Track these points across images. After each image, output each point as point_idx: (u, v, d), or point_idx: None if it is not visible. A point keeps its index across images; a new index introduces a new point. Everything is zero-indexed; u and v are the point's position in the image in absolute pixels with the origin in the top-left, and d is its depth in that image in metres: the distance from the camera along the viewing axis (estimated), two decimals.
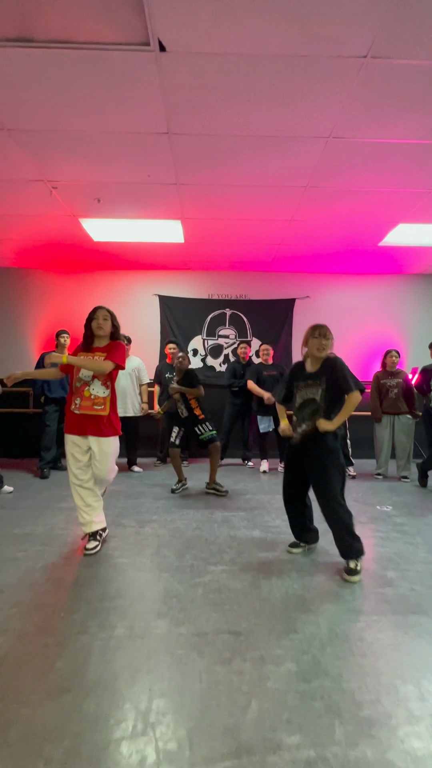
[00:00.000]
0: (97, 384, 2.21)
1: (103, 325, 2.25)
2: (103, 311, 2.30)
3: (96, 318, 2.27)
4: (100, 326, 2.25)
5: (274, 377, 4.40)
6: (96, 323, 2.25)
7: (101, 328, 2.25)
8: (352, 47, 2.00)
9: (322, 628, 1.50)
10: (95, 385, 2.21)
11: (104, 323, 2.26)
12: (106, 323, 2.27)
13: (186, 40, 1.97)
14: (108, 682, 1.21)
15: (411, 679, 1.24)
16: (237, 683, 1.22)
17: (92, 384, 2.21)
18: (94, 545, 2.20)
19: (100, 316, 2.27)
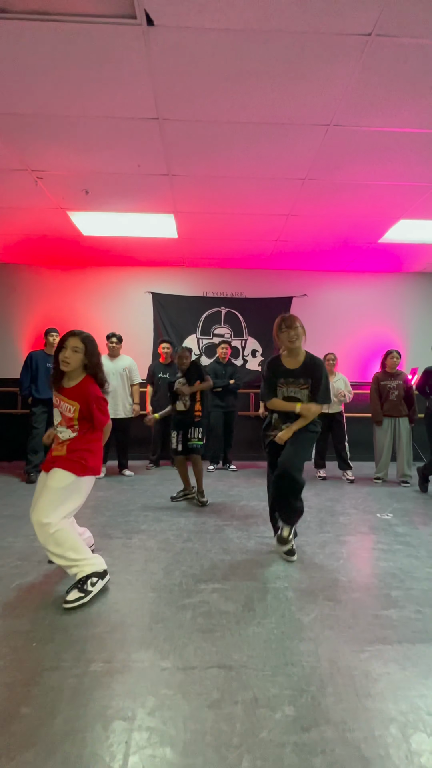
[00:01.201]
0: (63, 428, 1.84)
1: (69, 359, 1.75)
2: (75, 340, 1.77)
3: (64, 348, 1.76)
4: (66, 360, 1.75)
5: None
6: (62, 355, 1.75)
7: (67, 362, 1.76)
8: (356, 23, 1.85)
9: (321, 661, 1.36)
10: (62, 429, 1.85)
11: (72, 356, 1.76)
12: (75, 356, 1.76)
13: (176, 13, 1.81)
14: (78, 733, 1.06)
15: (424, 727, 1.10)
16: (227, 734, 1.06)
17: (60, 429, 1.85)
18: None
19: (69, 346, 1.76)
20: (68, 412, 1.82)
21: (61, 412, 1.85)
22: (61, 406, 1.85)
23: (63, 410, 1.84)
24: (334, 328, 5.31)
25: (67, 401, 1.82)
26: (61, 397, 1.84)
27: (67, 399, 1.81)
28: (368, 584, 1.93)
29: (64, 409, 1.84)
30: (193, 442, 3.22)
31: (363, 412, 4.73)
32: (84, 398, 1.80)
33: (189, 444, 3.21)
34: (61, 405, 1.85)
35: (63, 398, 1.83)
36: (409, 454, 4.06)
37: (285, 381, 2.18)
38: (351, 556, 2.27)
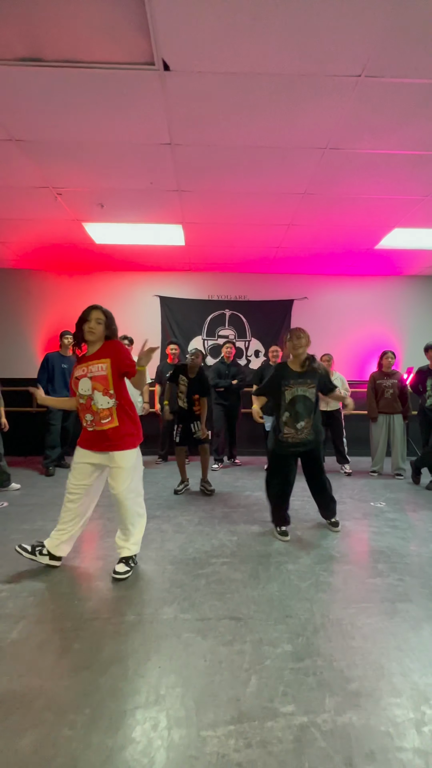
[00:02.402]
0: (98, 396, 1.93)
1: (95, 329, 1.95)
2: (98, 312, 1.98)
3: (89, 320, 1.96)
4: (92, 330, 1.94)
5: None
6: (88, 326, 1.95)
7: (92, 332, 1.94)
8: (347, 67, 2.11)
9: (315, 615, 1.63)
10: (97, 397, 1.94)
11: (96, 327, 1.95)
12: (98, 327, 1.96)
13: (189, 60, 2.07)
14: (122, 661, 1.34)
15: (395, 658, 1.38)
16: (238, 662, 1.35)
17: (94, 397, 1.94)
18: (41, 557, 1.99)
19: (93, 318, 1.96)
20: (100, 371, 1.92)
21: (92, 377, 1.92)
22: (90, 370, 1.92)
23: (94, 372, 1.92)
24: (332, 329, 5.57)
25: (96, 362, 1.93)
26: (87, 363, 1.95)
27: (97, 360, 1.94)
28: (359, 559, 2.21)
29: (95, 369, 1.92)
30: (198, 435, 3.47)
31: (360, 409, 4.99)
32: (114, 351, 1.96)
33: (195, 436, 3.47)
34: (89, 370, 1.92)
35: (91, 361, 1.94)
36: (402, 448, 4.32)
37: (294, 382, 2.46)
38: (345, 537, 2.54)
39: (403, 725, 1.10)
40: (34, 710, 1.14)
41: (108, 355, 1.96)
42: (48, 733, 1.07)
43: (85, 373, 1.96)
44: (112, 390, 1.96)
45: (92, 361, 1.96)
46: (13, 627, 1.52)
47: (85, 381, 1.95)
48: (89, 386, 1.94)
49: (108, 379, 1.94)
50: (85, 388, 1.95)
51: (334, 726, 1.10)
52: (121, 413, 1.99)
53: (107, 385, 1.94)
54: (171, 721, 1.10)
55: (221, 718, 1.12)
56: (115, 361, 1.95)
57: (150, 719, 1.11)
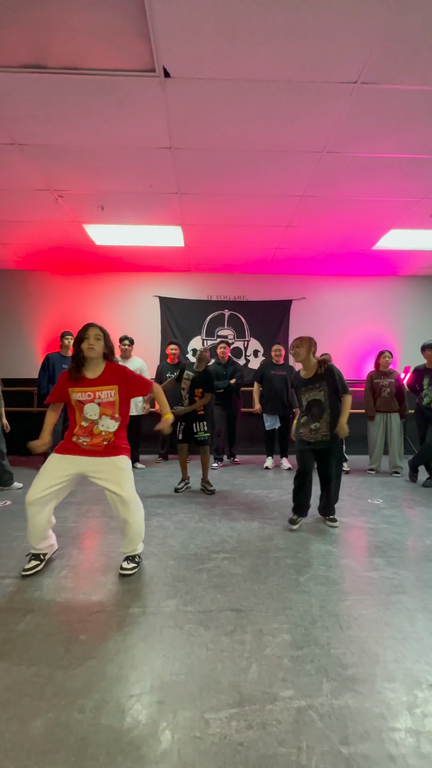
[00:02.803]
0: (106, 420, 1.96)
1: (95, 346, 1.93)
2: (96, 330, 1.97)
3: (87, 338, 1.94)
4: (92, 347, 1.93)
5: (282, 377, 4.50)
6: (87, 344, 1.93)
7: (93, 349, 1.93)
8: (343, 74, 2.16)
9: (313, 606, 1.69)
10: (104, 421, 1.96)
11: (96, 343, 1.94)
12: (98, 343, 1.95)
13: (189, 67, 2.12)
14: (127, 651, 1.39)
15: (390, 646, 1.43)
16: (239, 651, 1.40)
17: (100, 422, 1.95)
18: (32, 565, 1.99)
19: (91, 335, 1.94)
20: (109, 398, 1.94)
21: (100, 403, 1.93)
22: (98, 396, 1.93)
23: (103, 398, 1.94)
24: (330, 329, 5.63)
25: (104, 388, 1.94)
26: (93, 388, 1.93)
27: (104, 386, 1.94)
28: (356, 554, 2.27)
29: (104, 396, 1.94)
30: (200, 435, 3.51)
31: (357, 408, 5.04)
32: (121, 377, 1.99)
33: (196, 437, 3.51)
34: (97, 395, 1.93)
35: (98, 387, 1.93)
36: (400, 447, 4.38)
37: (306, 389, 2.68)
38: (343, 533, 2.60)
39: (396, 707, 1.16)
40: (45, 696, 1.19)
41: (116, 381, 1.98)
42: (58, 717, 1.12)
43: (92, 399, 1.95)
44: (118, 414, 2.02)
45: (99, 386, 1.95)
46: (22, 619, 1.57)
47: (92, 406, 1.95)
48: (97, 412, 1.95)
49: (116, 405, 1.99)
50: (92, 413, 1.95)
51: (331, 708, 1.16)
52: (120, 430, 2.04)
53: (114, 410, 1.99)
54: (176, 705, 1.16)
55: (223, 702, 1.17)
56: (124, 387, 2.00)
57: (155, 703, 1.17)
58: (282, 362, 4.63)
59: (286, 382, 4.49)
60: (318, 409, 2.61)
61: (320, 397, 2.62)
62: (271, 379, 4.51)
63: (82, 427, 1.97)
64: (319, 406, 2.62)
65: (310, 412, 2.64)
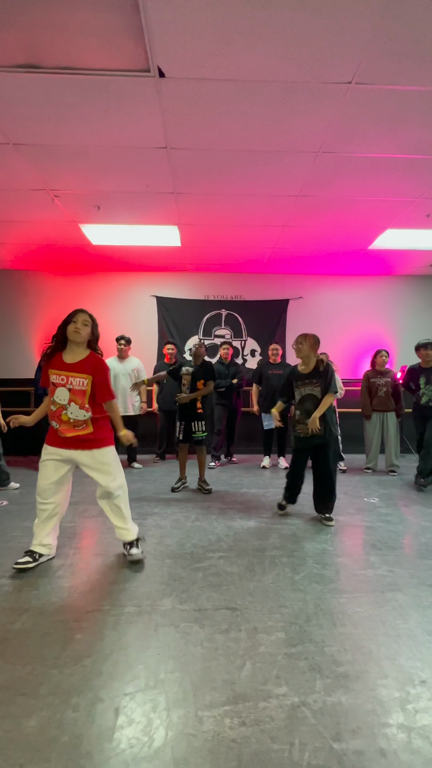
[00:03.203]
0: (74, 408, 1.93)
1: (80, 330, 1.93)
2: (85, 315, 1.98)
3: (75, 321, 1.94)
4: (78, 330, 1.93)
5: (279, 376, 4.50)
6: (73, 327, 1.93)
7: (78, 333, 1.93)
8: (338, 74, 2.17)
9: (308, 604, 1.70)
10: (72, 408, 1.93)
11: (83, 328, 1.94)
12: (85, 329, 1.95)
13: (184, 67, 2.13)
14: (122, 649, 1.40)
15: (383, 644, 1.45)
16: (234, 648, 1.41)
17: (69, 408, 1.93)
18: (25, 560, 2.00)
19: (79, 319, 1.95)
20: (81, 386, 1.92)
21: (71, 389, 1.91)
22: (70, 382, 1.91)
23: (74, 385, 1.92)
24: (327, 328, 5.64)
25: (78, 375, 1.92)
26: (68, 373, 1.92)
27: (78, 373, 1.92)
28: (351, 552, 2.28)
29: (76, 383, 1.91)
30: (198, 434, 3.52)
31: (354, 407, 5.07)
32: (98, 370, 1.96)
33: (194, 436, 3.52)
34: (69, 381, 1.91)
35: (72, 373, 1.92)
36: (396, 445, 4.40)
37: (302, 383, 2.78)
38: (338, 531, 2.61)
39: (389, 704, 1.17)
40: (39, 694, 1.20)
41: (92, 372, 1.96)
42: (53, 715, 1.12)
43: (64, 383, 1.94)
44: (88, 404, 1.98)
45: (74, 372, 1.94)
46: (18, 618, 1.58)
47: (63, 390, 1.94)
48: (66, 397, 1.93)
49: (86, 395, 1.96)
50: (61, 398, 1.94)
51: (324, 705, 1.17)
52: (96, 422, 2.03)
53: (84, 400, 1.96)
54: (170, 703, 1.16)
55: (217, 699, 1.18)
56: (96, 383, 1.97)
57: (150, 701, 1.17)
58: (279, 361, 4.65)
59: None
60: (312, 404, 2.71)
61: (315, 392, 2.73)
62: (268, 379, 4.53)
63: (51, 411, 1.99)
64: (314, 401, 2.71)
65: (303, 406, 2.74)
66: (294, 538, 2.48)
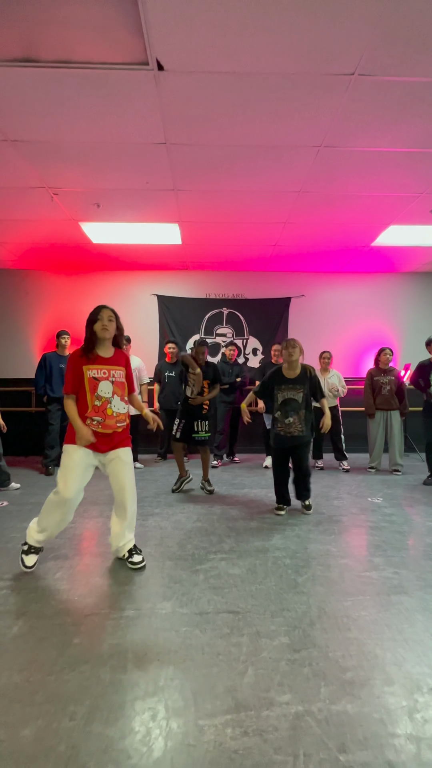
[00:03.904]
0: (117, 401, 2.01)
1: (108, 327, 1.98)
2: (108, 311, 2.03)
3: (101, 319, 1.98)
4: (106, 328, 1.97)
5: None
6: (100, 324, 1.97)
7: (107, 330, 1.97)
8: (340, 65, 2.12)
9: (312, 608, 1.66)
10: (116, 401, 2.00)
11: (110, 324, 1.99)
12: (111, 324, 2.00)
13: (183, 60, 2.08)
14: (121, 654, 1.36)
15: (389, 649, 1.40)
16: (235, 654, 1.37)
17: (113, 401, 1.99)
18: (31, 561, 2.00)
19: (105, 316, 1.99)
20: (120, 378, 2.03)
21: (113, 382, 1.99)
22: (111, 375, 1.98)
23: (116, 377, 2.00)
24: (330, 326, 5.59)
25: (116, 368, 2.02)
26: (108, 366, 1.99)
27: (116, 365, 2.02)
28: (355, 553, 2.24)
29: (117, 376, 2.01)
30: (200, 434, 3.45)
31: (357, 406, 5.02)
32: (127, 363, 2.09)
33: (197, 436, 3.45)
34: (111, 374, 1.98)
35: (111, 366, 1.99)
36: (400, 445, 4.34)
37: (285, 386, 2.86)
38: (342, 532, 2.57)
39: (396, 713, 1.13)
40: (35, 702, 1.16)
41: (124, 365, 2.09)
42: (49, 724, 1.09)
43: (107, 376, 1.99)
44: (126, 397, 2.09)
45: (113, 366, 2.02)
46: (15, 622, 1.55)
47: (106, 384, 1.99)
48: (111, 390, 1.99)
49: (125, 386, 2.07)
50: (106, 391, 1.98)
51: (329, 714, 1.13)
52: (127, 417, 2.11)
53: (124, 392, 2.06)
54: (169, 712, 1.13)
55: (218, 707, 1.14)
56: (127, 375, 2.10)
57: (149, 710, 1.14)
58: (282, 362, 4.61)
59: None
60: (292, 407, 2.83)
61: (297, 397, 2.84)
62: None
63: (95, 407, 1.96)
64: (294, 404, 2.83)
65: (285, 408, 2.85)
66: (297, 539, 2.44)
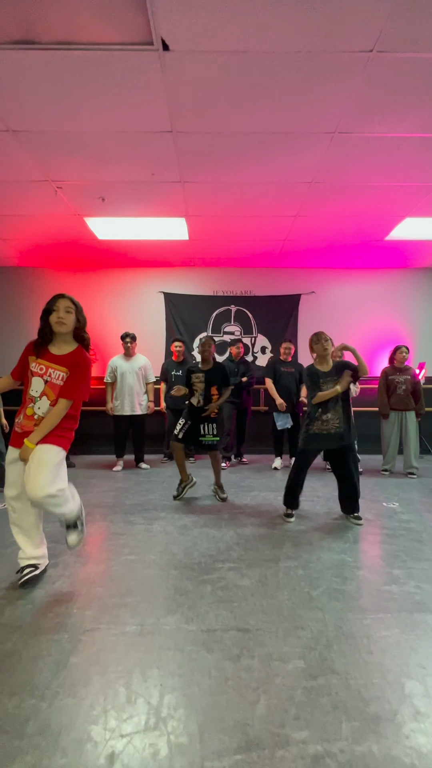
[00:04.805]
0: (44, 403, 1.76)
1: (64, 319, 1.76)
2: (66, 301, 1.80)
3: (56, 309, 1.76)
4: (62, 320, 1.75)
5: (291, 374, 4.38)
6: (56, 316, 1.75)
7: (62, 323, 1.75)
8: (357, 42, 1.97)
9: (328, 626, 1.53)
10: (42, 403, 1.76)
11: (66, 316, 1.77)
12: (68, 316, 1.77)
13: (189, 39, 1.96)
14: (121, 678, 1.25)
15: (416, 676, 1.27)
16: (246, 679, 1.25)
17: (38, 402, 1.76)
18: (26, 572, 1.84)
19: (61, 307, 1.76)
20: (58, 380, 1.77)
21: (48, 381, 1.76)
22: (48, 373, 1.76)
23: (52, 378, 1.76)
24: (341, 323, 5.42)
25: (57, 367, 1.76)
26: (48, 363, 1.76)
27: (58, 365, 1.76)
28: (372, 564, 2.09)
29: (54, 377, 1.76)
30: (208, 438, 3.24)
31: (371, 406, 4.85)
32: (75, 365, 1.78)
33: (204, 440, 3.24)
34: (48, 372, 1.76)
35: (52, 364, 1.76)
36: (415, 446, 4.17)
37: (324, 381, 2.79)
38: (357, 540, 2.43)
39: (429, 756, 1.00)
40: (26, 734, 1.06)
41: (69, 366, 1.78)
42: (39, 761, 0.98)
43: (42, 373, 1.77)
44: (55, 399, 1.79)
45: (55, 364, 1.77)
46: (8, 638, 1.45)
47: (38, 381, 1.77)
48: (41, 389, 1.76)
49: (59, 390, 1.78)
50: (36, 390, 1.77)
51: (353, 756, 1.00)
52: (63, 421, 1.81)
53: (56, 396, 1.77)
54: (172, 749, 1.01)
55: (227, 745, 1.02)
56: (69, 378, 1.77)
57: (149, 746, 1.02)
58: (291, 360, 4.48)
59: (295, 379, 4.35)
60: (334, 402, 2.73)
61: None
62: (281, 376, 4.36)
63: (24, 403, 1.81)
64: (335, 399, 2.73)
65: (326, 404, 2.73)
66: (309, 547, 2.30)
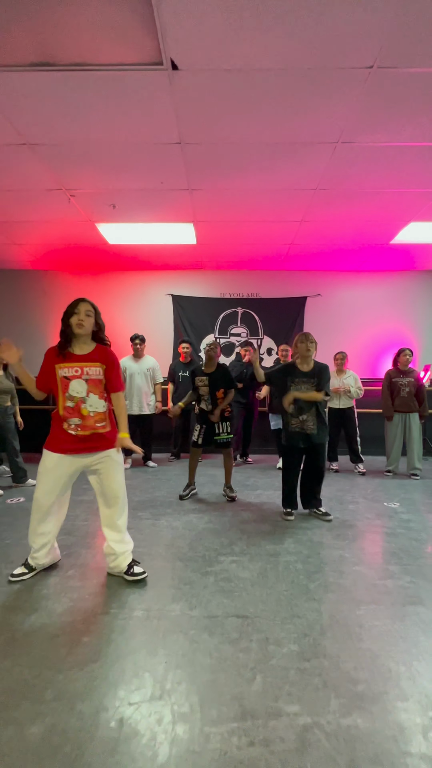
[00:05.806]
0: (93, 399, 1.89)
1: (84, 322, 1.87)
2: (87, 305, 1.91)
3: (77, 312, 1.88)
4: (82, 323, 1.86)
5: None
6: (76, 319, 1.87)
7: (82, 326, 1.86)
8: (358, 58, 2.06)
9: (323, 615, 1.62)
10: (92, 400, 1.89)
11: (86, 319, 1.87)
12: (88, 319, 1.88)
13: (197, 59, 2.07)
14: (129, 655, 1.37)
15: (403, 662, 1.35)
16: (243, 660, 1.35)
17: (88, 400, 1.88)
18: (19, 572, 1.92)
19: (82, 310, 1.88)
20: (97, 375, 1.89)
21: (88, 380, 1.88)
22: (85, 372, 1.88)
23: (91, 375, 1.88)
24: (346, 326, 5.48)
25: (91, 364, 1.88)
26: (80, 363, 1.87)
27: (90, 362, 1.88)
28: (370, 560, 2.18)
29: (92, 373, 1.88)
30: (222, 437, 3.31)
31: (374, 407, 4.90)
32: (109, 362, 1.92)
33: (218, 439, 3.32)
34: (84, 371, 1.88)
35: (85, 363, 1.87)
36: (419, 448, 4.22)
37: (299, 380, 2.84)
38: (356, 538, 2.51)
39: (410, 730, 1.09)
40: (44, 700, 1.18)
41: (103, 361, 1.92)
42: (57, 723, 1.10)
43: (79, 374, 1.88)
44: (106, 393, 1.95)
45: (86, 362, 1.89)
46: (26, 619, 1.57)
47: (79, 382, 1.87)
48: (84, 388, 1.88)
49: (103, 383, 1.93)
50: (78, 390, 1.87)
51: (339, 728, 1.09)
52: (111, 416, 1.99)
53: (102, 389, 1.93)
54: (175, 717, 1.12)
55: (225, 715, 1.13)
56: (108, 372, 1.93)
57: (155, 713, 1.13)
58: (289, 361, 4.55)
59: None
60: (305, 402, 2.81)
61: (311, 390, 2.83)
62: None
63: (67, 409, 1.88)
64: (308, 402, 2.81)
65: (298, 403, 2.83)
66: (309, 543, 2.39)
